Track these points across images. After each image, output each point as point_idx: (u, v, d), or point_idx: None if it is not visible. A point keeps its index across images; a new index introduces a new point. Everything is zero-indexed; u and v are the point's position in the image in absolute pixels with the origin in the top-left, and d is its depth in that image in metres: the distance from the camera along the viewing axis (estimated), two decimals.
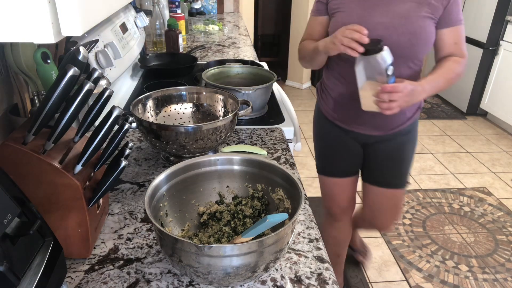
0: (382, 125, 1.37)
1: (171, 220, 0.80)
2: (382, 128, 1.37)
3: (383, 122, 1.36)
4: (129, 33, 1.57)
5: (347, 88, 1.32)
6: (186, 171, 0.82)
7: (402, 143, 1.42)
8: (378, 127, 1.37)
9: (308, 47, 1.31)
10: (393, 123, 1.36)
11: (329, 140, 1.51)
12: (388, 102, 1.07)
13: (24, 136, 0.67)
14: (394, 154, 1.43)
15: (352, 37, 1.05)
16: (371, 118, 1.32)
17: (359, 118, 1.36)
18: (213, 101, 1.19)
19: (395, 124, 1.36)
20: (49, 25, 0.42)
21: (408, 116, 1.36)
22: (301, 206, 0.69)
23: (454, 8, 1.20)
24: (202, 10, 3.17)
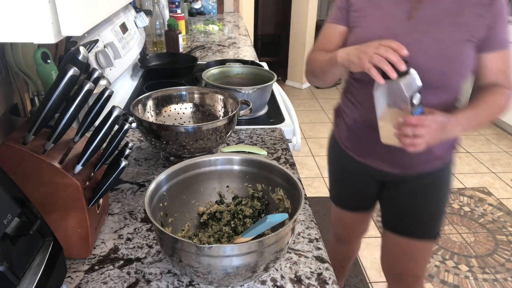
0: (402, 162, 1.14)
1: (171, 220, 0.80)
2: (402, 166, 1.14)
3: (404, 159, 1.12)
4: (129, 33, 1.57)
5: (362, 115, 1.14)
6: (186, 171, 0.82)
7: (428, 186, 1.17)
8: (397, 164, 1.15)
9: (320, 58, 1.10)
10: (417, 161, 1.12)
11: (341, 171, 1.34)
12: (412, 137, 0.88)
13: (24, 136, 0.67)
14: (417, 199, 1.20)
15: (387, 56, 0.84)
16: (389, 152, 1.11)
17: (374, 150, 1.15)
18: (213, 101, 1.19)
19: (419, 163, 1.13)
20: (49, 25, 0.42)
21: (437, 155, 1.12)
22: (301, 206, 0.69)
23: (500, 28, 0.97)
24: (202, 10, 3.17)
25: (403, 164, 1.14)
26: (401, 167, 1.15)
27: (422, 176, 1.16)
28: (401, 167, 1.15)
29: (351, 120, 1.18)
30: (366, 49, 0.88)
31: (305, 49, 4.39)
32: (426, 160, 1.12)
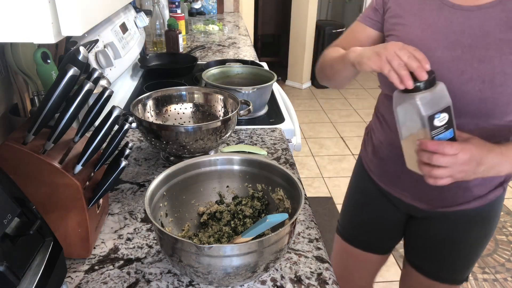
0: (429, 198, 0.99)
1: (171, 220, 0.80)
2: (429, 202, 0.99)
3: (431, 194, 0.97)
4: (129, 33, 1.57)
5: (388, 136, 1.01)
6: (186, 171, 0.82)
7: (465, 226, 1.00)
8: (424, 199, 1.00)
9: (333, 54, 0.99)
10: (449, 199, 0.97)
11: (360, 195, 1.17)
12: (431, 167, 0.73)
13: (24, 136, 0.67)
14: (450, 240, 1.03)
15: (408, 62, 0.71)
16: (414, 183, 0.97)
17: (399, 179, 1.02)
18: (213, 101, 1.19)
19: (451, 201, 0.97)
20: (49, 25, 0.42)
21: (476, 194, 0.95)
22: (301, 206, 0.69)
23: None
24: (202, 10, 3.17)
25: (431, 200, 0.99)
26: (428, 203, 1.00)
27: (457, 214, 0.99)
28: (429, 203, 1.00)
29: (377, 141, 1.06)
30: (388, 48, 0.75)
31: (305, 49, 4.39)
32: (461, 200, 0.96)
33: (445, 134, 0.74)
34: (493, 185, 0.96)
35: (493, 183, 0.96)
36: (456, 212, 0.98)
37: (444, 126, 0.73)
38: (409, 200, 1.03)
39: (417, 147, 0.74)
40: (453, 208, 0.98)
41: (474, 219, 0.99)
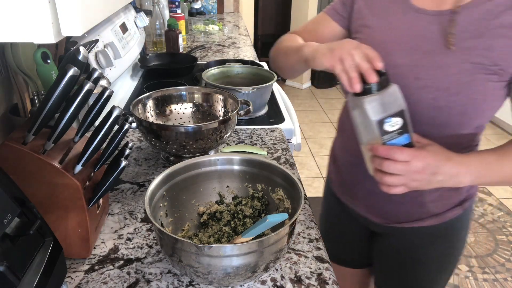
0: (382, 211, 0.95)
1: (171, 220, 0.80)
2: (385, 216, 0.96)
3: (384, 207, 0.94)
4: (129, 33, 1.57)
5: (344, 142, 0.98)
6: (186, 171, 0.82)
7: (422, 246, 0.96)
8: (377, 212, 0.97)
9: (291, 41, 0.95)
10: (402, 213, 0.93)
11: (327, 208, 1.13)
12: (383, 173, 0.69)
13: (24, 136, 0.67)
14: (407, 258, 0.99)
15: (360, 63, 0.67)
16: (367, 195, 0.95)
17: (354, 191, 0.98)
18: (213, 101, 1.19)
19: (406, 216, 0.93)
20: (49, 25, 0.42)
21: (433, 212, 0.91)
22: (301, 206, 0.69)
23: None
24: (202, 10, 3.17)
25: (385, 214, 0.95)
26: (382, 217, 0.96)
27: (414, 231, 0.94)
28: (383, 217, 0.96)
29: (336, 150, 1.03)
30: (343, 46, 0.70)
31: None
32: (415, 216, 0.92)
33: (398, 140, 0.69)
34: (451, 204, 0.91)
35: (451, 202, 0.91)
36: (412, 229, 0.94)
37: (397, 131, 0.68)
38: (364, 212, 0.99)
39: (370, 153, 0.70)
40: (408, 225, 0.94)
41: (432, 238, 0.95)
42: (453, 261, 1.00)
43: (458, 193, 0.91)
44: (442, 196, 0.90)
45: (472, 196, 0.94)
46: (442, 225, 0.93)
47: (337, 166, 1.04)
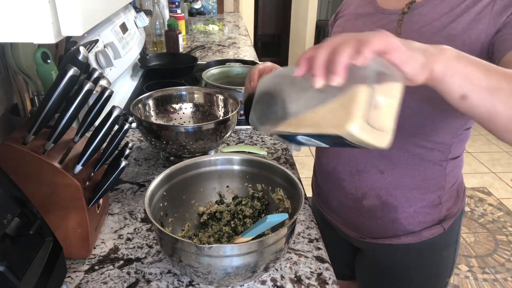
0: (356, 224, 0.93)
1: (171, 220, 0.80)
2: (357, 229, 0.94)
3: (357, 220, 0.92)
4: (129, 33, 1.57)
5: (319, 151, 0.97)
6: (186, 171, 0.82)
7: (401, 265, 0.93)
8: (351, 225, 0.95)
9: None
10: (375, 228, 0.90)
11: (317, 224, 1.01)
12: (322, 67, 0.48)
13: (24, 136, 0.67)
14: (386, 276, 0.97)
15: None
16: (341, 207, 0.94)
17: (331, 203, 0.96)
18: (213, 101, 1.19)
19: (380, 232, 0.90)
20: (49, 25, 0.42)
21: (408, 230, 0.88)
22: (301, 206, 0.69)
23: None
24: (202, 10, 3.17)
25: (358, 228, 0.93)
26: (356, 231, 0.94)
27: (391, 248, 0.90)
28: (359, 232, 0.93)
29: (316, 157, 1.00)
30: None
31: (305, 49, 4.38)
32: (390, 232, 0.89)
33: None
34: (429, 222, 0.87)
35: (429, 220, 0.87)
36: (389, 246, 0.90)
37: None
38: (339, 225, 0.97)
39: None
40: (384, 241, 0.90)
41: (412, 257, 0.91)
42: (440, 282, 0.96)
43: (437, 211, 0.87)
44: (417, 213, 0.86)
45: (454, 214, 0.89)
46: (421, 244, 0.88)
47: (315, 174, 1.03)
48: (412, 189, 0.85)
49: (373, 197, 0.87)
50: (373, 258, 0.98)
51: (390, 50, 0.46)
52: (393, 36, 0.48)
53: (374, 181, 0.86)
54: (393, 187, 0.85)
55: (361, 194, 0.88)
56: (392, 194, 0.86)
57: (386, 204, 0.86)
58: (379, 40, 0.46)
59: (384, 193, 0.86)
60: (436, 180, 0.85)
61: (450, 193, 0.88)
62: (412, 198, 0.85)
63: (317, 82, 0.47)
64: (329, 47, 0.47)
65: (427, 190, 0.85)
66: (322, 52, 0.47)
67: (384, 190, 0.86)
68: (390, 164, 0.83)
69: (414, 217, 0.87)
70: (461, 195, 0.92)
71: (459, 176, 0.91)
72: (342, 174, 0.89)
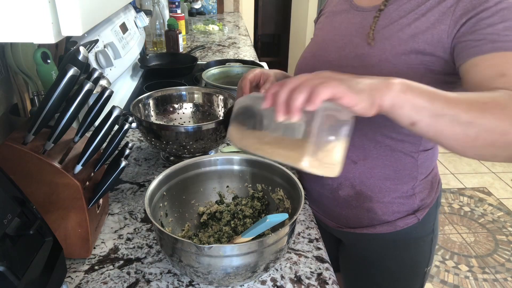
0: (333, 214, 0.95)
1: (171, 220, 0.80)
2: (334, 218, 0.96)
3: (333, 210, 0.95)
4: (129, 33, 1.57)
5: None
6: (186, 171, 0.82)
7: (378, 254, 0.95)
8: (329, 215, 0.97)
9: None
10: (351, 217, 0.92)
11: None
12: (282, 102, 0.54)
13: (24, 136, 0.67)
14: (365, 267, 0.98)
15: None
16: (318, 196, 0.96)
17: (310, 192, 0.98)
18: (213, 101, 1.19)
19: (355, 221, 0.92)
20: (49, 25, 0.42)
21: (383, 219, 0.89)
22: (301, 206, 0.69)
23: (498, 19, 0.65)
24: (202, 10, 3.17)
25: (337, 219, 0.95)
26: (335, 221, 0.96)
27: (368, 237, 0.92)
28: (336, 221, 0.96)
29: None
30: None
31: None
32: (366, 222, 0.91)
33: None
34: (403, 212, 0.89)
35: (403, 210, 0.89)
36: (366, 236, 0.92)
37: None
38: (319, 215, 0.99)
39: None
40: (360, 230, 0.92)
41: (388, 246, 0.93)
42: (419, 273, 0.96)
43: (410, 201, 0.89)
44: (391, 203, 0.88)
45: (428, 205, 0.90)
46: (396, 234, 0.90)
47: None
48: (385, 179, 0.86)
49: (348, 187, 0.89)
50: (352, 249, 0.99)
51: (339, 97, 0.52)
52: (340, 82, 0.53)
53: (348, 171, 0.87)
54: (366, 177, 0.87)
55: (337, 184, 0.90)
56: (366, 184, 0.88)
57: (360, 194, 0.88)
58: (328, 89, 0.51)
59: (358, 183, 0.88)
60: (408, 171, 0.86)
61: (424, 184, 0.89)
62: (386, 188, 0.87)
63: (279, 117, 0.54)
64: (288, 88, 0.54)
65: (400, 181, 0.87)
66: (283, 92, 0.54)
67: (358, 179, 0.88)
68: (362, 155, 0.85)
69: (388, 207, 0.89)
70: (435, 186, 0.93)
71: (433, 167, 0.92)
72: None
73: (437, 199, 0.94)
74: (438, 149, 0.93)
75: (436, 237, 0.97)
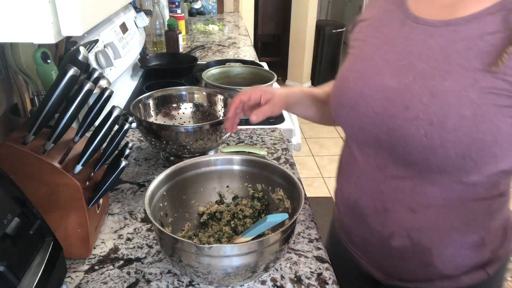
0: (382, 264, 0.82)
1: (171, 221, 0.80)
2: (383, 269, 0.82)
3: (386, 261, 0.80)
4: (129, 33, 1.57)
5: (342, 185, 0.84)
6: (186, 171, 0.82)
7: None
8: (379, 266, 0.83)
9: None
10: (405, 269, 0.78)
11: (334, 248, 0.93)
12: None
13: (24, 136, 0.67)
14: None
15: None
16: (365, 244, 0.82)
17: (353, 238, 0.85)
18: (213, 101, 1.19)
19: (410, 274, 0.78)
20: (49, 25, 0.42)
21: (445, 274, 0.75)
22: (301, 206, 0.69)
23: None
24: (202, 10, 3.17)
25: (386, 270, 0.81)
26: (384, 272, 0.82)
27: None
28: (385, 273, 0.82)
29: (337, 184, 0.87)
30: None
31: (305, 49, 4.39)
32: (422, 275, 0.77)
33: None
34: (469, 266, 0.74)
35: (470, 263, 0.74)
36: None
37: None
38: (363, 263, 0.85)
39: None
40: (414, 285, 0.79)
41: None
42: None
43: (479, 253, 0.73)
44: (455, 256, 0.73)
45: (500, 258, 0.75)
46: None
47: (337, 203, 0.88)
48: (450, 229, 0.70)
49: (403, 237, 0.73)
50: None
51: None
52: None
53: (404, 220, 0.72)
54: (428, 228, 0.71)
55: (389, 233, 0.74)
56: (426, 235, 0.72)
57: (418, 245, 0.73)
58: None
59: (416, 234, 0.72)
60: (479, 220, 0.71)
61: (496, 232, 0.75)
62: (450, 239, 0.72)
63: None
64: None
65: (468, 231, 0.71)
66: None
67: (417, 231, 0.72)
68: (425, 202, 0.69)
69: (452, 260, 0.73)
70: (509, 233, 0.77)
71: (506, 212, 0.76)
72: (366, 209, 0.75)
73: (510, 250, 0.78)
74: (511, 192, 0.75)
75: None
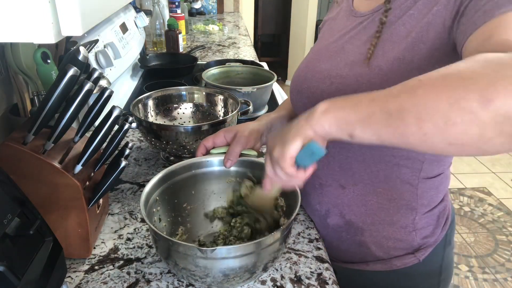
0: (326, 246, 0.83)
1: (164, 225, 0.79)
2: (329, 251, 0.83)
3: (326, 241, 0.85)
4: (129, 33, 1.57)
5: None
6: (177, 174, 0.79)
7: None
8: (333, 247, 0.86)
9: None
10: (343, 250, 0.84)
11: None
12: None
13: (24, 136, 0.67)
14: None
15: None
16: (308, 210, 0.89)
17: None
18: (213, 101, 1.19)
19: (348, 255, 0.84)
20: (49, 25, 0.42)
21: (378, 256, 0.80)
22: (297, 205, 0.69)
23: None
24: (202, 10, 3.17)
25: (328, 249, 0.84)
26: (327, 251, 0.84)
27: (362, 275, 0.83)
28: (328, 251, 0.83)
29: None
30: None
31: (305, 49, 4.39)
32: (358, 257, 0.82)
33: None
34: (400, 250, 0.79)
35: (400, 247, 0.78)
36: (359, 273, 0.83)
37: None
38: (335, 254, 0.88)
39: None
40: (351, 266, 0.83)
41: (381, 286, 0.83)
42: None
43: (409, 238, 0.78)
44: (386, 239, 0.78)
45: (431, 245, 0.79)
46: (392, 274, 0.80)
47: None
48: (379, 209, 0.76)
49: (336, 215, 0.81)
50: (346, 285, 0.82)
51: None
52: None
53: (335, 196, 0.79)
54: (357, 205, 0.77)
55: (325, 210, 0.82)
56: (356, 213, 0.78)
57: (350, 225, 0.79)
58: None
59: (347, 211, 0.79)
60: (405, 202, 0.75)
61: (427, 219, 0.78)
62: (379, 220, 0.77)
63: None
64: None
65: (396, 212, 0.76)
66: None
67: (347, 207, 0.78)
68: (352, 179, 0.75)
69: (383, 242, 0.79)
70: (443, 222, 0.81)
71: (440, 199, 0.80)
72: (306, 187, 0.75)
73: (446, 237, 0.82)
74: (449, 177, 0.81)
75: (447, 280, 0.85)
